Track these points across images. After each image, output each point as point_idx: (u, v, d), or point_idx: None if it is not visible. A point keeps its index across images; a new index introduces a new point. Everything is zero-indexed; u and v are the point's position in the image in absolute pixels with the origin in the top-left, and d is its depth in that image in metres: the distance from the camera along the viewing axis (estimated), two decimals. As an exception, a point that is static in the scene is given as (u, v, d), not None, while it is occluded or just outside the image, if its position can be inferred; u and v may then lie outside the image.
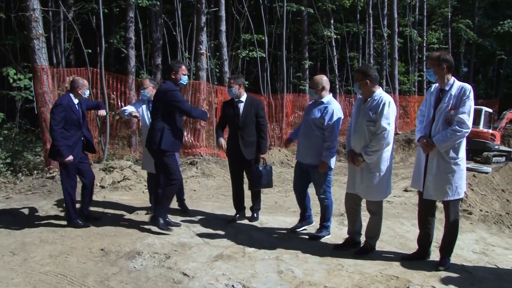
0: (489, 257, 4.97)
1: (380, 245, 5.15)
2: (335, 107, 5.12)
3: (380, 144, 4.47)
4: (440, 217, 5.16)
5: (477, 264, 4.69)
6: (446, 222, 4.49)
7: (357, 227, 4.98)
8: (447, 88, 4.33)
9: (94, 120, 10.00)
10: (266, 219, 6.14)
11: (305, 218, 5.64)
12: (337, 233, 5.54)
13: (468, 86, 4.31)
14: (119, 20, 16.67)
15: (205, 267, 4.32)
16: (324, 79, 5.28)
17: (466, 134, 4.25)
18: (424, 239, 4.67)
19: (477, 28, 30.86)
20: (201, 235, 5.31)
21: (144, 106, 6.22)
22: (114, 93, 10.58)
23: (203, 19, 11.91)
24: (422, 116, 4.55)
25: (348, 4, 21.82)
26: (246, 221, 6.03)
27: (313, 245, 5.05)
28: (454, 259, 4.68)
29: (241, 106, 5.84)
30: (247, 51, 17.56)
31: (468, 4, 32.69)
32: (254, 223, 5.93)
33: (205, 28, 12.15)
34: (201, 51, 11.75)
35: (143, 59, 17.33)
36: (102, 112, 6.30)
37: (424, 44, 26.46)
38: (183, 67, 5.40)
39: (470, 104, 4.24)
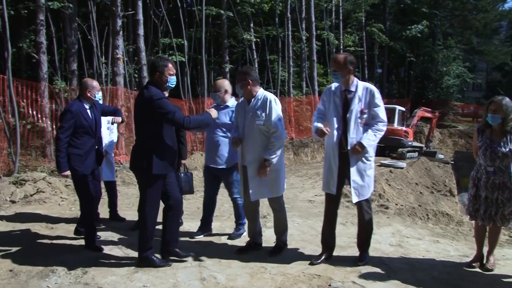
0: (404, 249, 5.22)
1: (301, 245, 5.25)
2: None
3: (280, 141, 4.55)
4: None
5: (393, 256, 4.92)
6: (360, 220, 4.62)
7: (257, 228, 5.04)
8: (353, 89, 4.46)
9: (1, 130, 9.35)
10: (189, 225, 6.05)
11: (208, 223, 5.69)
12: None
13: (372, 86, 4.51)
14: (29, 23, 15.75)
15: (125, 280, 4.15)
16: (226, 83, 5.42)
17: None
18: (332, 239, 4.81)
19: (389, 32, 32.68)
20: (120, 247, 5.12)
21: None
22: (24, 100, 9.97)
23: (119, 22, 11.57)
24: (321, 115, 4.62)
25: (267, 8, 22.17)
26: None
27: (236, 249, 5.03)
28: (373, 253, 4.87)
29: None
30: (167, 56, 17.28)
31: (380, 10, 34.46)
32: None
33: (121, 32, 11.80)
34: (118, 56, 11.39)
35: (57, 64, 16.50)
36: (118, 119, 5.78)
37: (341, 47, 27.42)
38: (170, 65, 4.42)
39: (381, 103, 4.44)
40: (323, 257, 4.67)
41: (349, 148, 4.40)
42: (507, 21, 41.86)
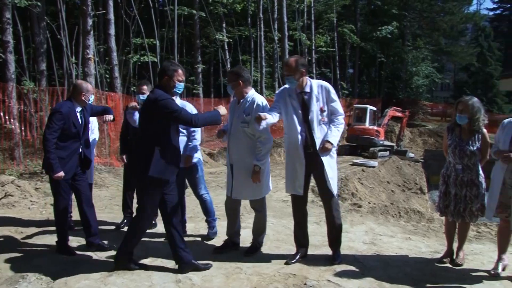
0: (377, 246, 5.30)
1: (276, 244, 5.28)
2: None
3: (267, 146, 4.57)
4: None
5: (367, 254, 4.99)
6: (330, 218, 4.66)
7: (236, 228, 5.04)
8: (308, 90, 4.50)
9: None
10: (162, 227, 5.97)
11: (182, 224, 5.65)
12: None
13: (326, 83, 4.58)
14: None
15: (99, 283, 4.08)
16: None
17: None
18: (305, 238, 4.85)
19: (360, 33, 33.16)
20: (93, 249, 5.03)
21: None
22: (-10, 102, 9.72)
23: (90, 22, 11.35)
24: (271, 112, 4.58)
25: (240, 8, 22.20)
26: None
27: (211, 250, 5.01)
28: (347, 251, 4.95)
29: (136, 113, 5.68)
30: (139, 56, 17.12)
31: (351, 11, 34.90)
32: (151, 231, 5.79)
33: (92, 32, 11.58)
34: (89, 56, 11.18)
35: (25, 64, 16.14)
36: (109, 117, 5.47)
37: (313, 47, 27.68)
38: (180, 71, 4.32)
39: (336, 97, 4.55)
40: (298, 256, 4.70)
41: (318, 148, 4.45)
42: (472, 23, 43.03)
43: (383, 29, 31.51)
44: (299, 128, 4.48)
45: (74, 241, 5.29)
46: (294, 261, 4.63)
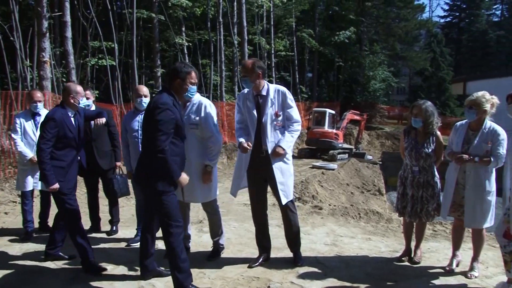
0: (339, 247, 5.39)
1: (239, 248, 5.29)
2: None
3: (217, 145, 4.57)
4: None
5: (328, 255, 5.07)
6: (287, 221, 4.68)
7: (187, 232, 5.04)
8: (264, 93, 4.52)
9: None
10: (123, 233, 5.91)
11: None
12: (197, 240, 5.54)
13: (283, 88, 4.60)
14: None
15: (58, 292, 3.98)
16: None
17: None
18: (267, 241, 4.86)
19: (318, 38, 33.68)
20: (52, 258, 4.88)
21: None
22: None
23: (45, 24, 11.04)
24: (242, 124, 4.63)
25: (199, 12, 22.11)
26: (103, 235, 5.79)
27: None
28: (309, 253, 5.03)
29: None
30: (96, 59, 16.78)
31: (309, 16, 35.40)
32: (112, 236, 5.73)
33: (48, 34, 11.27)
34: (44, 59, 10.87)
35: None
36: (101, 120, 5.29)
37: (272, 51, 27.90)
38: (193, 73, 4.07)
39: (293, 103, 4.56)
40: (260, 259, 4.72)
41: (269, 152, 4.45)
42: (425, 29, 44.60)
43: (341, 34, 32.12)
44: (252, 131, 4.48)
45: (32, 249, 5.14)
46: (257, 264, 4.65)
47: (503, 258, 3.90)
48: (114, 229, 5.89)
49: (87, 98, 5.57)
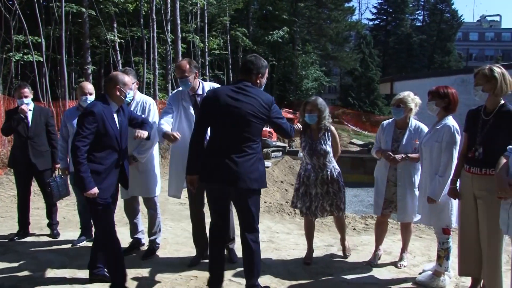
0: (275, 244, 5.49)
1: (176, 248, 5.27)
2: None
3: (149, 143, 4.56)
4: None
5: (266, 252, 5.10)
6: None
7: (138, 227, 5.09)
8: (200, 92, 4.57)
9: None
10: (63, 235, 5.74)
11: (88, 228, 5.43)
12: (129, 240, 5.42)
13: (216, 85, 4.70)
14: None
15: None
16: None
17: None
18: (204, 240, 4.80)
19: (252, 36, 33.90)
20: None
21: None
22: None
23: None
24: (165, 121, 4.49)
25: (132, 8, 21.54)
26: (31, 239, 5.57)
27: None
28: (245, 250, 5.04)
29: (30, 114, 5.48)
30: (21, 54, 15.92)
31: (243, 15, 35.57)
32: (48, 240, 5.57)
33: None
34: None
35: None
36: (143, 134, 4.13)
37: (206, 50, 27.76)
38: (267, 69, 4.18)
39: None
40: (198, 258, 4.72)
41: None
42: (355, 31, 46.25)
43: (275, 33, 32.55)
44: (188, 131, 4.35)
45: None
46: (195, 263, 4.65)
47: (438, 253, 4.10)
48: (55, 232, 5.69)
49: (26, 97, 5.37)
